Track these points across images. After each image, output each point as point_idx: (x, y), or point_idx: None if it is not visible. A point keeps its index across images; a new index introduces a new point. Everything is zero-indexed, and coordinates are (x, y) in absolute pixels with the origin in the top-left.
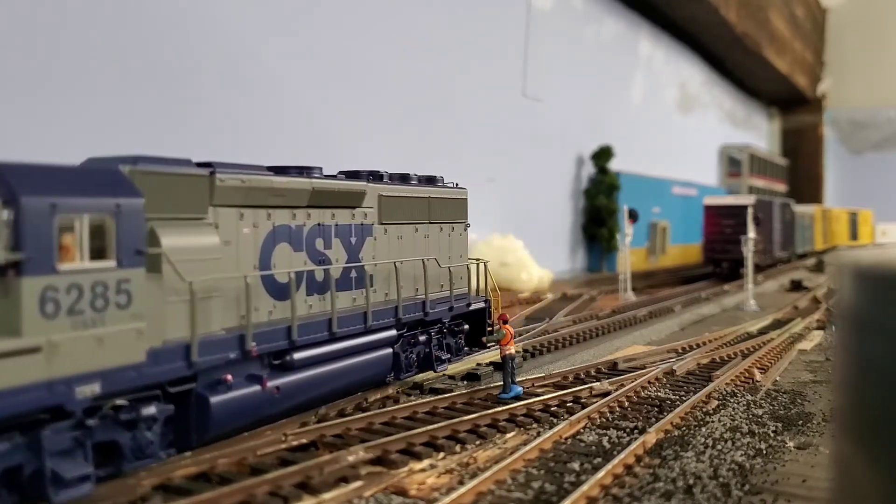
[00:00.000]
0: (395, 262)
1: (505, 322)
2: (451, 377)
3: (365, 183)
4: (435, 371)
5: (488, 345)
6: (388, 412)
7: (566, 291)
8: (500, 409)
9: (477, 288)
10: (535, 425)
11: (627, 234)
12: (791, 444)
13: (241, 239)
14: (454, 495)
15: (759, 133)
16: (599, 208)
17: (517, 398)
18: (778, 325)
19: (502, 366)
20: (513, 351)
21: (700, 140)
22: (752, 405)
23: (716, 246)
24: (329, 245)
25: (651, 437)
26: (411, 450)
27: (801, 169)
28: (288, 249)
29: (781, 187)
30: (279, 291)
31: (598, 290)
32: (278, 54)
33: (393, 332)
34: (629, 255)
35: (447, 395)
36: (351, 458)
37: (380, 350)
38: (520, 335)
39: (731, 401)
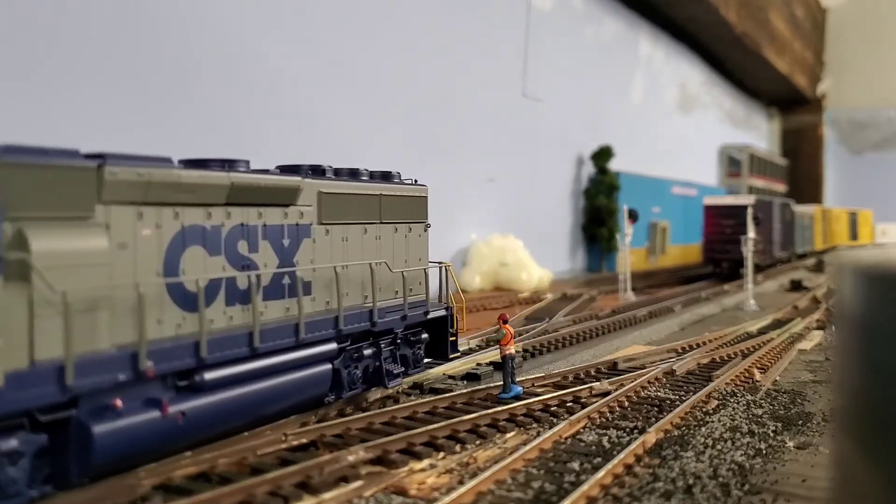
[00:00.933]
0: (335, 267)
1: (505, 322)
2: (452, 377)
3: (299, 178)
4: (386, 387)
5: (450, 357)
6: (388, 412)
7: (566, 291)
8: (500, 408)
9: (440, 294)
10: (535, 425)
11: (627, 234)
12: (791, 443)
13: (139, 241)
14: (454, 495)
15: (759, 133)
16: (599, 208)
17: (517, 398)
18: (778, 324)
19: (502, 365)
20: (513, 351)
21: (700, 140)
22: (751, 405)
23: (716, 246)
24: (255, 248)
25: (651, 437)
26: (411, 450)
27: (801, 169)
28: (201, 253)
29: (781, 187)
30: (190, 302)
31: (597, 290)
32: (277, 54)
33: (332, 346)
34: (629, 255)
35: (447, 394)
36: (351, 458)
37: (315, 366)
38: (520, 335)
39: (731, 401)
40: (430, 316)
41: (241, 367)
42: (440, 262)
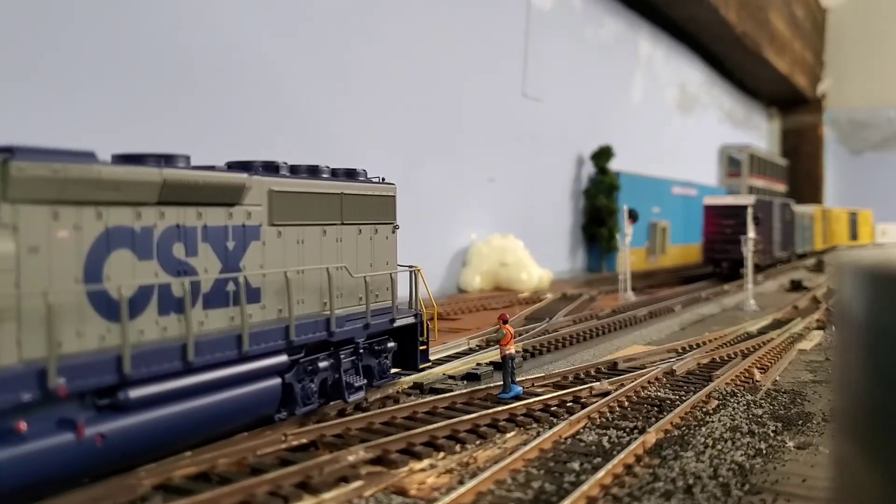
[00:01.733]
0: (285, 272)
1: (505, 322)
2: (452, 377)
3: (246, 175)
4: (346, 401)
5: (420, 368)
6: (388, 412)
7: (566, 291)
8: (499, 408)
9: (410, 300)
10: (534, 425)
11: (627, 234)
12: (791, 443)
13: (54, 245)
14: (454, 495)
15: (759, 133)
16: (599, 208)
17: (517, 398)
18: (778, 324)
19: (502, 365)
20: (513, 351)
21: (700, 140)
22: (751, 405)
23: (716, 246)
24: (193, 251)
25: (651, 437)
26: (411, 449)
27: (801, 169)
28: (130, 257)
29: (781, 187)
30: (116, 311)
31: (597, 290)
32: (278, 54)
33: (282, 358)
34: (629, 255)
35: (447, 394)
36: (351, 458)
37: (261, 381)
38: (520, 335)
39: (731, 401)
40: (397, 324)
41: (172, 383)
42: (410, 266)
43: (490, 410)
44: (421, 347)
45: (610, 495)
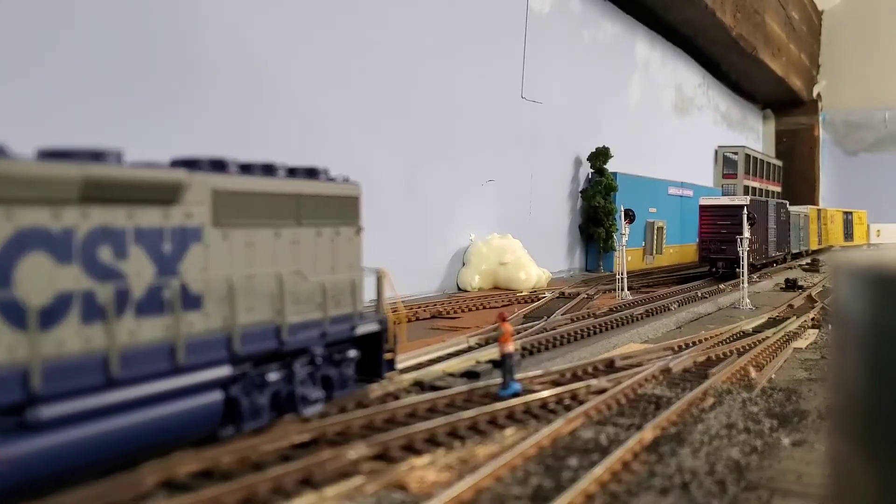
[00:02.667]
0: (228, 278)
1: (504, 320)
2: (452, 374)
3: (185, 173)
4: (301, 415)
5: (384, 376)
6: (389, 409)
7: (564, 290)
8: (499, 405)
9: (377, 306)
10: (533, 422)
11: (624, 234)
12: (786, 441)
13: None
14: (454, 491)
15: (755, 134)
16: (596, 209)
17: (516, 395)
18: (773, 323)
19: (501, 363)
20: (511, 349)
21: (696, 141)
22: (747, 402)
23: (711, 246)
24: (123, 254)
25: (648, 434)
26: (412, 446)
27: (797, 170)
28: (45, 261)
29: (777, 188)
30: (26, 321)
31: (595, 289)
32: (279, 56)
33: (224, 371)
34: (626, 254)
35: (447, 392)
36: (352, 454)
37: (199, 396)
38: (518, 333)
39: (727, 398)
40: (359, 332)
41: (92, 399)
42: (376, 270)
43: (489, 407)
44: (387, 355)
45: (607, 492)
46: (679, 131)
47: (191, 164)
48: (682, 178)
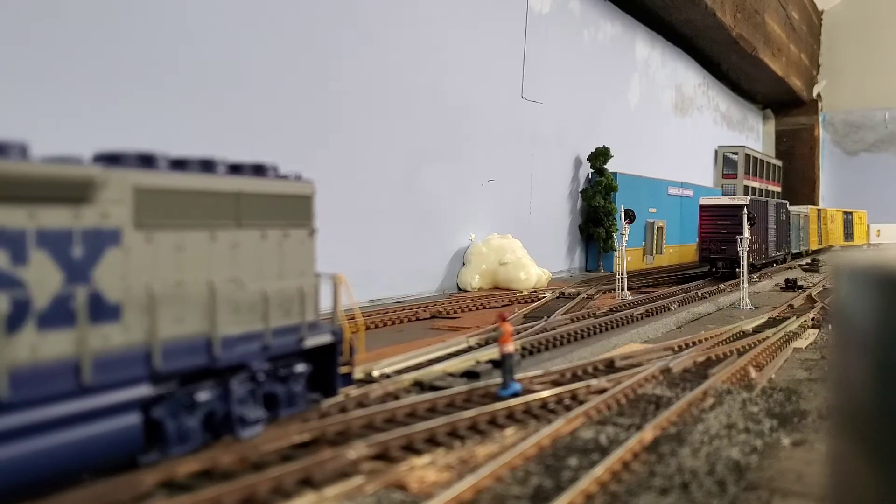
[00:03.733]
0: (151, 285)
1: (504, 320)
2: (452, 374)
3: (98, 168)
4: (238, 437)
5: (338, 392)
6: (389, 409)
7: (564, 290)
8: (499, 405)
9: (334, 314)
10: (533, 422)
11: (624, 234)
12: (786, 441)
13: None
14: (454, 491)
15: (755, 134)
16: (596, 209)
17: (516, 395)
18: (773, 323)
19: (501, 363)
20: (511, 349)
21: (696, 141)
22: (747, 402)
23: (711, 246)
24: (21, 259)
25: (648, 434)
26: (412, 446)
27: (797, 170)
28: None
29: (777, 188)
30: None
31: (595, 289)
32: (277, 55)
33: (141, 390)
34: (626, 254)
35: (447, 391)
36: (352, 454)
37: (112, 419)
38: (518, 333)
39: (727, 398)
40: (309, 344)
41: None
42: (332, 275)
43: (489, 407)
44: (343, 368)
45: (607, 491)
46: (679, 131)
47: (113, 159)
48: (682, 178)
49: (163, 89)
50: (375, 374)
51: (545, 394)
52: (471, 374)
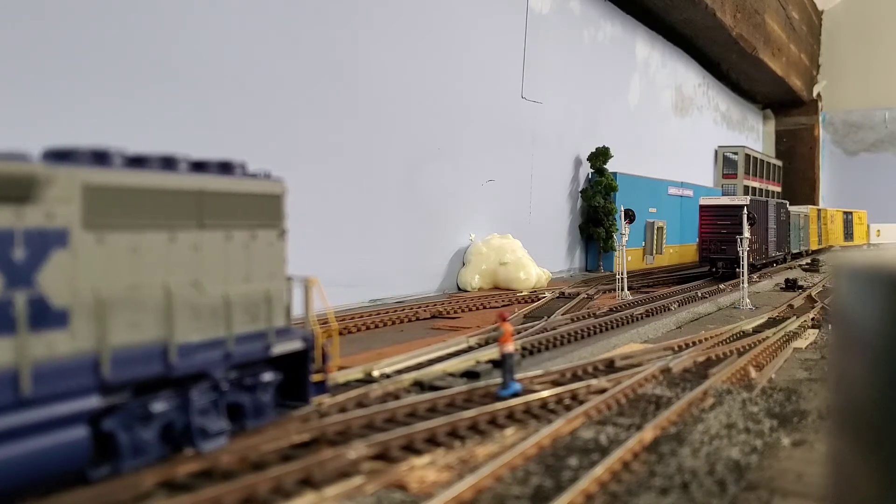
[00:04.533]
0: (101, 289)
1: (504, 320)
2: (452, 374)
3: (42, 165)
4: (199, 450)
5: (310, 401)
6: (389, 409)
7: (564, 290)
8: (499, 405)
9: (306, 319)
10: (533, 422)
11: (624, 234)
12: (786, 441)
13: None
14: (454, 491)
15: (755, 134)
16: (596, 208)
17: (516, 395)
18: (773, 323)
19: (501, 363)
20: (512, 349)
21: (696, 141)
22: (747, 402)
23: (711, 246)
24: None
25: (648, 434)
26: (412, 446)
27: (797, 170)
28: None
29: (777, 188)
30: None
31: (595, 289)
32: (276, 56)
33: (89, 402)
34: (626, 254)
35: (447, 391)
36: (352, 454)
37: (54, 433)
38: (518, 333)
39: (727, 398)
40: (276, 351)
41: None
42: (304, 278)
43: (489, 407)
44: (315, 376)
45: (607, 491)
46: (679, 131)
47: (63, 156)
48: (682, 178)
49: (162, 89)
50: (375, 374)
51: (545, 394)
52: (471, 374)
